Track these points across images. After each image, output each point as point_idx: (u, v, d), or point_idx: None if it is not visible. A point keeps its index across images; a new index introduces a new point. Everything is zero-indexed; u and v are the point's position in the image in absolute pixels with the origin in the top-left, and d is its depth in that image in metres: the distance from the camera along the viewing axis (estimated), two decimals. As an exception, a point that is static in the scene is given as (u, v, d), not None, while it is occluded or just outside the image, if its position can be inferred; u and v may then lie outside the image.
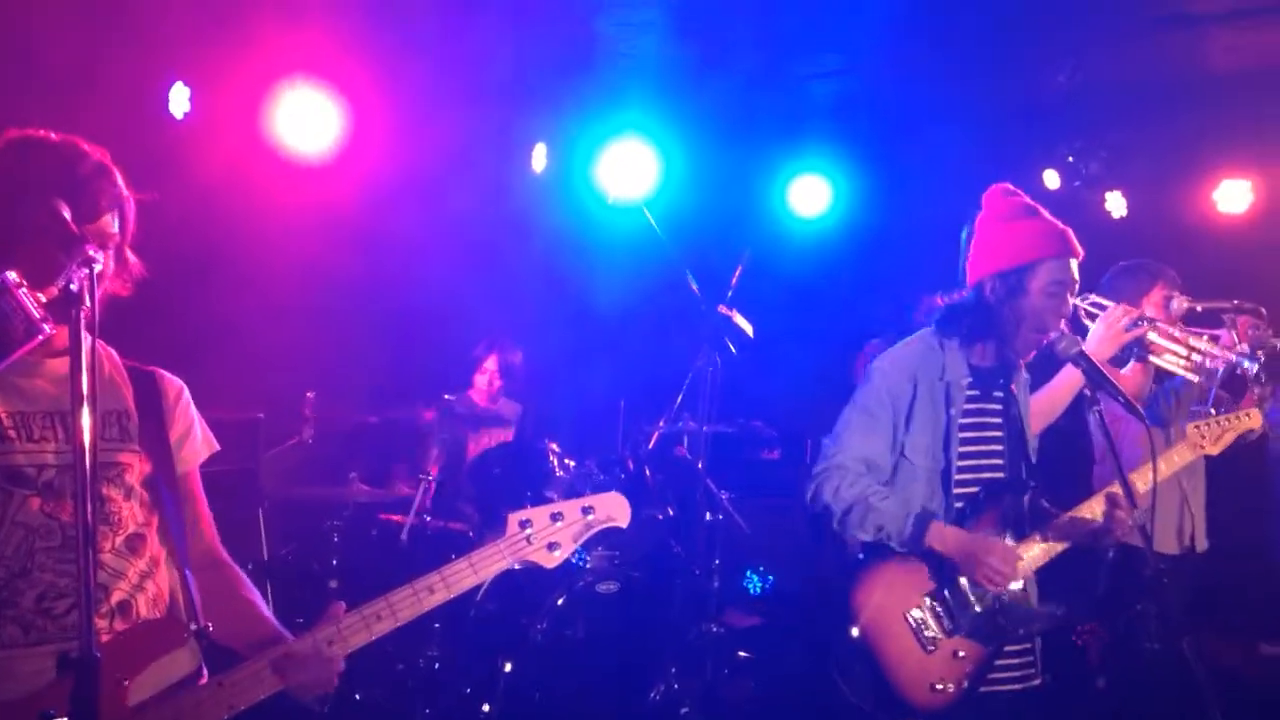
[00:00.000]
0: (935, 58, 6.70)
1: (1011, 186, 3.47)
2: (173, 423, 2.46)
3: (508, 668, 4.87)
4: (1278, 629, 5.45)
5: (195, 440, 2.53)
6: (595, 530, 2.58)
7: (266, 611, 2.50)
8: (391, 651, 5.03)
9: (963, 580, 3.25)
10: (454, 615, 4.98)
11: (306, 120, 5.82)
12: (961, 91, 7.16)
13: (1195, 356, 4.00)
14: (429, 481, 5.29)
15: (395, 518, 5.40)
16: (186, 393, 2.53)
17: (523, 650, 4.91)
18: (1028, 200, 3.43)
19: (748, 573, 6.18)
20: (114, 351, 2.45)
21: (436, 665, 5.02)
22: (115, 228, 2.25)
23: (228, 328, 5.33)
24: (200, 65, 5.49)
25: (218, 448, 2.58)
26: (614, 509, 2.60)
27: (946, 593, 3.25)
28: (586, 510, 2.56)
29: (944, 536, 3.21)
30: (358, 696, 5.01)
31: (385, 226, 6.14)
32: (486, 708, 4.84)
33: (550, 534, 2.51)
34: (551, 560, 2.52)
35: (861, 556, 3.35)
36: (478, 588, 4.20)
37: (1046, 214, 3.39)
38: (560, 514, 2.53)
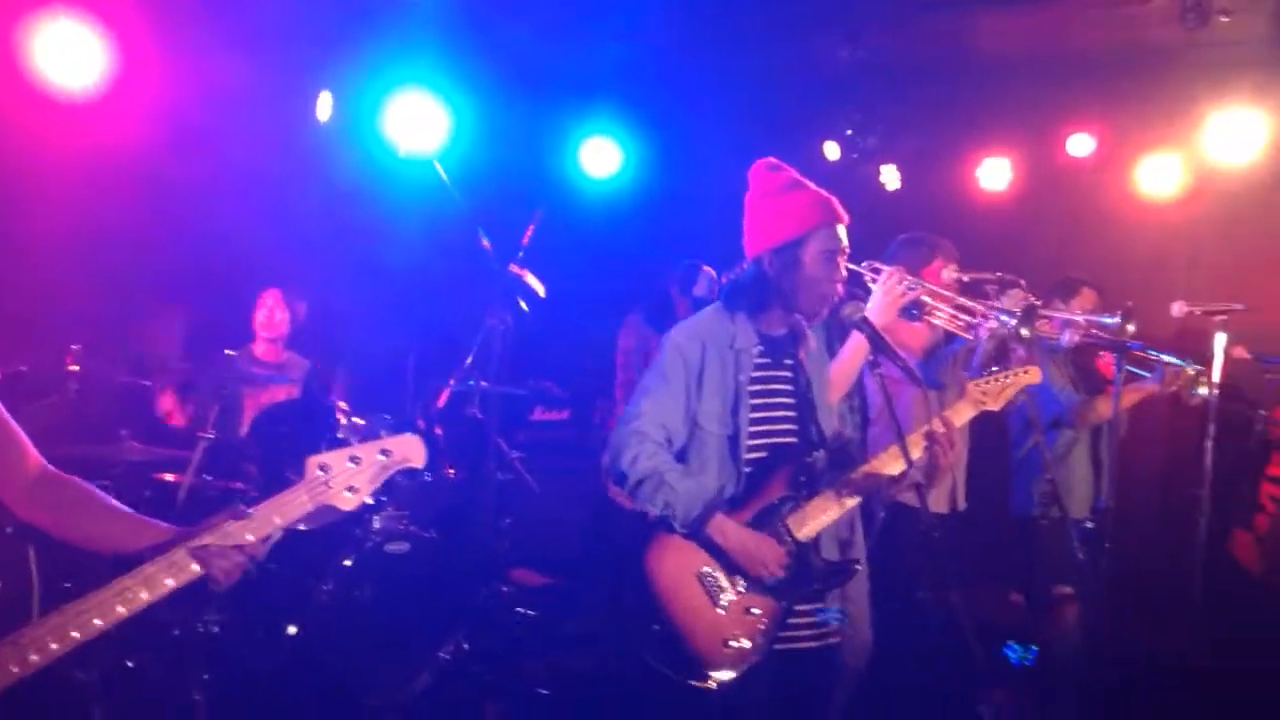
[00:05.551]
0: (719, 27, 6.83)
1: (776, 161, 3.58)
2: None
3: (292, 630, 4.75)
4: (1023, 580, 5.86)
5: None
6: (392, 471, 2.60)
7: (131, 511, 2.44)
8: (167, 617, 4.80)
9: None
10: (235, 578, 4.79)
11: (68, 53, 5.41)
12: (747, 63, 7.33)
13: (964, 316, 4.27)
14: (207, 439, 5.06)
15: (172, 477, 5.14)
16: None
17: (308, 613, 4.79)
18: (793, 174, 3.54)
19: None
20: None
21: (216, 629, 4.81)
22: None
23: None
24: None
25: None
26: (410, 450, 2.62)
27: None
28: (384, 453, 2.57)
29: (724, 530, 3.26)
30: (130, 664, 4.76)
31: (161, 172, 5.77)
32: (270, 672, 4.70)
33: (348, 477, 2.52)
34: (349, 503, 2.53)
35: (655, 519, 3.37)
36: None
37: (811, 185, 3.50)
38: (358, 457, 2.54)
